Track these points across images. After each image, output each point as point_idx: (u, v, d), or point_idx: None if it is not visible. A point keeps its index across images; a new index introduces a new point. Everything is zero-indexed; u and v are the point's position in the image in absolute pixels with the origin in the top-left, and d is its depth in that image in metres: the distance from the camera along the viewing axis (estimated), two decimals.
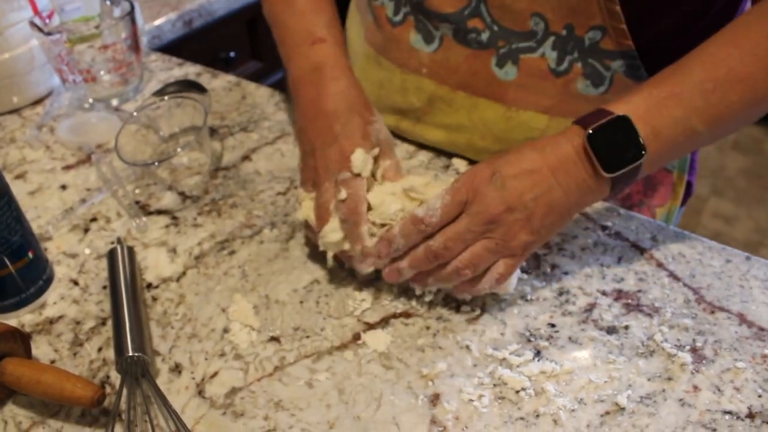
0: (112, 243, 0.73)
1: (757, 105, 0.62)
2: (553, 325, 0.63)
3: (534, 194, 0.59)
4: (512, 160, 0.60)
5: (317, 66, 0.71)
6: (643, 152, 0.59)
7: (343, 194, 0.63)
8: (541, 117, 0.76)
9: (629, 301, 0.65)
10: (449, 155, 0.84)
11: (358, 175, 0.64)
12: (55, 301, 0.68)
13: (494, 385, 0.58)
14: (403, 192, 0.64)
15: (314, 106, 0.69)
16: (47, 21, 0.91)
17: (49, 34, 0.88)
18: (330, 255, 0.66)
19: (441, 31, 0.76)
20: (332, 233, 0.64)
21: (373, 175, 0.67)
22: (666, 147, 0.61)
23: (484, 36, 0.73)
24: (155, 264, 0.71)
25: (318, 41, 0.73)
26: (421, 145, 0.86)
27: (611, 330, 0.63)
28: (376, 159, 0.67)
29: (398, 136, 0.86)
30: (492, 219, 0.59)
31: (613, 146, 0.59)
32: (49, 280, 0.68)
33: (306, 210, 0.67)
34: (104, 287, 0.69)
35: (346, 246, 0.64)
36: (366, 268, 0.64)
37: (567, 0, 0.67)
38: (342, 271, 0.69)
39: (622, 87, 0.72)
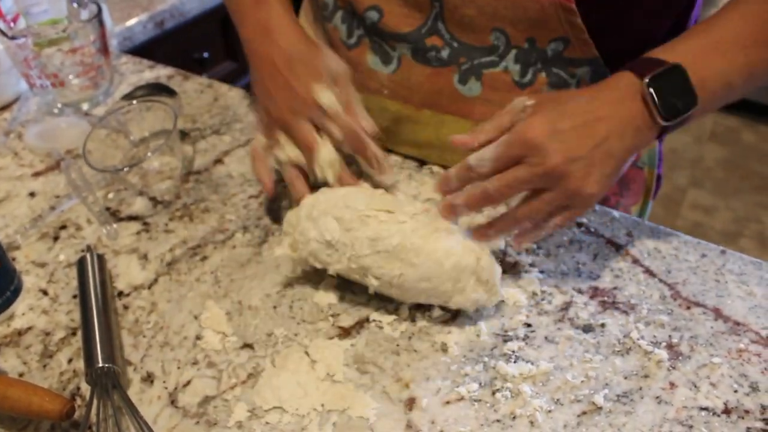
0: (82, 251, 0.72)
1: None
2: (529, 325, 0.63)
3: (592, 144, 0.58)
4: (567, 112, 0.59)
5: (263, 24, 0.72)
6: (696, 102, 0.59)
7: (337, 133, 0.66)
8: None
9: (605, 298, 0.65)
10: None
11: (334, 111, 0.66)
12: (23, 311, 0.67)
13: (470, 387, 0.58)
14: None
15: (266, 60, 0.70)
16: (12, 24, 0.90)
17: (13, 38, 0.86)
18: (331, 177, 0.67)
19: (398, 51, 0.75)
20: (329, 153, 0.67)
21: None
22: (709, 99, 0.60)
23: (444, 53, 0.73)
24: (126, 271, 0.70)
25: (261, 1, 0.73)
26: None
27: (587, 328, 0.62)
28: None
29: None
30: (552, 171, 0.57)
31: (669, 95, 0.58)
32: (17, 291, 0.67)
33: (288, 149, 0.69)
34: (74, 296, 0.67)
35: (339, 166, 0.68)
36: (388, 180, 0.69)
37: (526, 14, 0.66)
38: (315, 275, 0.68)
39: None
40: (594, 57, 0.69)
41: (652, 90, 0.58)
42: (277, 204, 0.77)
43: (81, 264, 0.67)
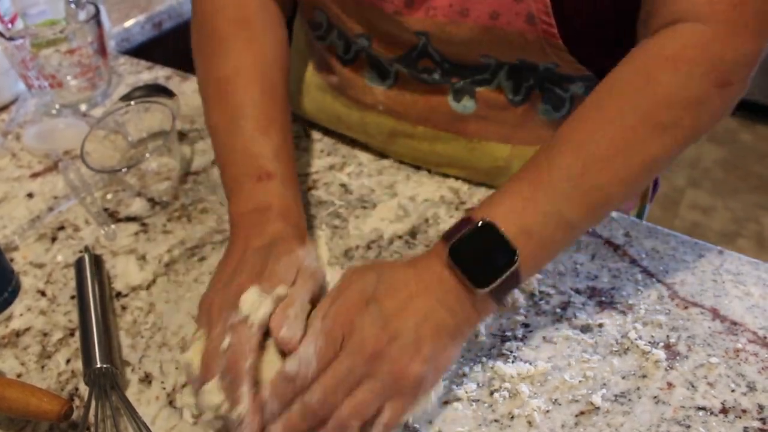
0: (80, 252, 0.72)
1: (632, 180, 0.57)
2: (527, 325, 0.63)
3: (417, 319, 0.51)
4: (387, 284, 0.53)
5: (261, 207, 0.61)
6: (515, 256, 0.52)
7: (225, 342, 0.51)
8: (504, 147, 0.75)
9: (603, 298, 0.65)
10: None
11: (246, 319, 0.52)
12: (21, 312, 0.67)
13: (468, 387, 0.58)
14: None
15: (244, 245, 0.59)
16: (10, 25, 0.90)
17: (11, 39, 0.86)
18: (207, 419, 0.52)
19: (395, 67, 0.74)
20: (210, 394, 0.51)
21: None
22: (541, 245, 0.55)
23: (436, 74, 0.72)
24: (124, 272, 0.70)
25: (265, 177, 0.63)
26: None
27: (585, 328, 0.62)
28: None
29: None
30: (375, 354, 0.50)
31: (479, 257, 0.53)
32: (15, 292, 0.67)
33: (194, 353, 0.54)
34: (72, 297, 0.67)
35: (224, 410, 0.51)
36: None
37: (511, 47, 0.65)
38: None
39: None
40: (587, 75, 0.68)
41: (455, 258, 0.52)
42: None
43: (79, 265, 0.67)
